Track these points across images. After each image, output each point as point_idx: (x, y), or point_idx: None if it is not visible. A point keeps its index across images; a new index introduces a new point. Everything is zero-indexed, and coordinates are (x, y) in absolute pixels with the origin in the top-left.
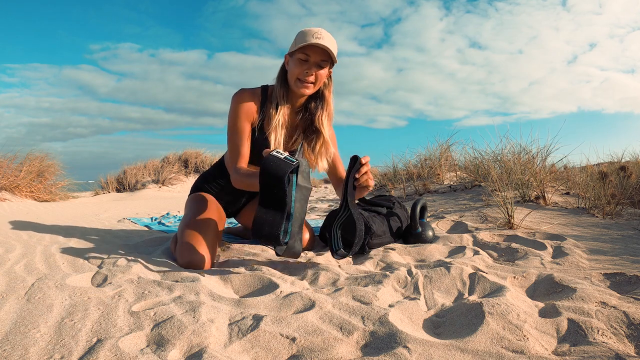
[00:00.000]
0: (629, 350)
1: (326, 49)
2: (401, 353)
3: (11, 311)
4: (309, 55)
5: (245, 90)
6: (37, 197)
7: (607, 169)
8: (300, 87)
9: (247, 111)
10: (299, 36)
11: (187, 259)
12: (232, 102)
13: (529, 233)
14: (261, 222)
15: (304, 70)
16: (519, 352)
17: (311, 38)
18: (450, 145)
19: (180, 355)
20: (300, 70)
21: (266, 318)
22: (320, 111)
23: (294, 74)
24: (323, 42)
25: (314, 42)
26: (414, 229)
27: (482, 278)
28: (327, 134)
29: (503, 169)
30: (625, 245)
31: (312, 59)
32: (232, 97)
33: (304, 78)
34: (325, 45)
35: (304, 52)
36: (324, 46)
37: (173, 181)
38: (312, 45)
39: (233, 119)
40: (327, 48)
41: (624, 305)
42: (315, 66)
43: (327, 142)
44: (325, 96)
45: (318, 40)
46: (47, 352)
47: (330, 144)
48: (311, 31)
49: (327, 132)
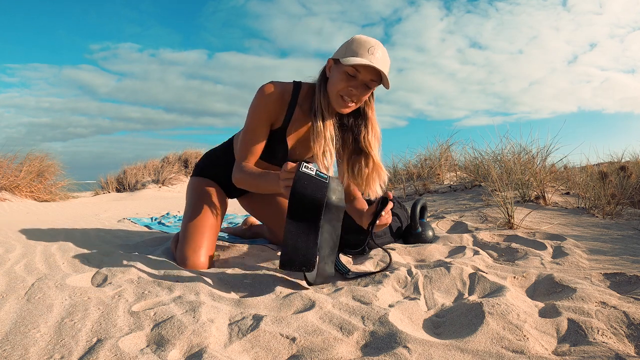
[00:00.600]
0: (629, 350)
1: (380, 72)
2: (401, 353)
3: (11, 311)
4: (358, 71)
5: (275, 87)
6: (37, 197)
7: (607, 169)
8: (342, 104)
9: (270, 112)
10: (352, 45)
11: (187, 259)
12: (257, 96)
13: (529, 233)
14: (293, 250)
15: (349, 88)
16: (519, 352)
17: (366, 53)
18: (450, 145)
19: (180, 355)
20: (344, 87)
21: (266, 318)
22: (365, 130)
23: (337, 87)
24: (378, 64)
25: (368, 63)
26: (414, 229)
27: (482, 278)
28: (378, 158)
29: (503, 169)
30: (625, 245)
31: (361, 77)
32: (259, 91)
33: (347, 96)
34: (380, 69)
35: (355, 68)
36: (378, 69)
37: (173, 181)
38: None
39: (253, 116)
40: (381, 72)
41: (624, 305)
42: (363, 85)
43: (380, 166)
44: (369, 115)
45: (372, 57)
46: (47, 352)
47: (383, 168)
48: (367, 43)
49: (377, 155)
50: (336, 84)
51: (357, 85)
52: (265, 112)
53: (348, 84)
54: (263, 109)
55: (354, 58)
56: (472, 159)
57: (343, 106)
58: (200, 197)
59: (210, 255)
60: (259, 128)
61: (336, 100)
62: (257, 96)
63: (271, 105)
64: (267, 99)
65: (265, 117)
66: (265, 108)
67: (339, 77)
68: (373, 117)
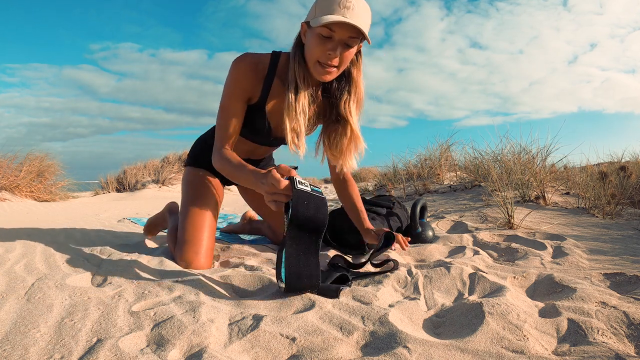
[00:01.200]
0: (629, 350)
1: (355, 26)
2: (401, 353)
3: (11, 311)
4: (333, 30)
5: (249, 58)
6: (37, 197)
7: (607, 169)
8: (321, 72)
9: (245, 87)
10: (321, 2)
11: (187, 259)
12: (230, 69)
13: (529, 233)
14: (296, 277)
15: (327, 52)
16: (519, 352)
17: (337, 7)
18: (450, 145)
19: (180, 355)
20: (321, 51)
21: (266, 318)
22: (347, 96)
23: (314, 54)
24: (352, 16)
25: (341, 19)
26: (414, 229)
27: (482, 278)
28: (356, 126)
29: (503, 169)
30: (625, 245)
31: (338, 36)
32: (232, 64)
33: (326, 61)
34: (355, 24)
35: (328, 27)
36: (352, 24)
37: (173, 181)
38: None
39: (227, 92)
40: (356, 26)
41: (624, 305)
42: (342, 45)
43: (357, 135)
44: (353, 76)
45: (347, 11)
46: (47, 352)
47: (361, 138)
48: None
49: (356, 122)
50: (312, 50)
51: (334, 47)
52: (238, 87)
53: (325, 48)
54: (235, 82)
55: (325, 16)
56: (472, 159)
57: (323, 73)
58: (196, 191)
59: (210, 255)
60: (233, 104)
61: (314, 68)
62: (230, 70)
63: (244, 78)
64: (238, 71)
65: (238, 92)
66: (237, 82)
67: (313, 42)
68: (358, 79)
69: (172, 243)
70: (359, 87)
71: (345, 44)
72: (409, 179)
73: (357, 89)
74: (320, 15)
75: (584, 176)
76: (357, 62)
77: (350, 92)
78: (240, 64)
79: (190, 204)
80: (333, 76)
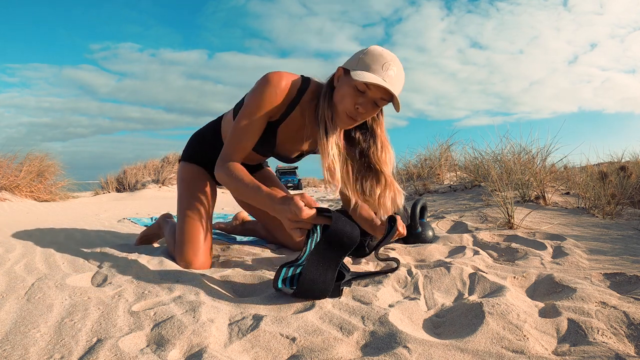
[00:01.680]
0: (629, 350)
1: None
2: (401, 353)
3: (11, 311)
4: (369, 88)
5: (284, 79)
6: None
7: (607, 169)
8: (347, 122)
9: (274, 104)
10: (366, 58)
11: (187, 259)
12: (262, 85)
13: (529, 233)
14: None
15: (356, 105)
16: (519, 352)
17: (379, 69)
18: (450, 145)
19: (180, 355)
20: (351, 104)
21: (266, 318)
22: (374, 148)
23: (344, 104)
24: (391, 83)
25: (381, 82)
26: (414, 229)
27: (482, 278)
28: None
29: (503, 169)
30: (625, 245)
31: (371, 95)
32: (265, 80)
33: (352, 115)
34: (392, 91)
35: (365, 84)
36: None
37: (173, 181)
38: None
39: (255, 105)
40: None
41: (624, 305)
42: (371, 103)
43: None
44: (377, 133)
45: (386, 74)
46: (47, 352)
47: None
48: (382, 58)
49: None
50: (343, 99)
51: (364, 103)
52: (268, 102)
53: (355, 101)
54: (267, 97)
55: (366, 73)
56: (472, 159)
57: (347, 123)
58: (191, 191)
59: (210, 255)
60: (257, 118)
61: (341, 117)
62: (263, 86)
63: (277, 97)
64: (273, 91)
65: (266, 109)
66: (270, 97)
67: (346, 92)
68: (382, 135)
69: (170, 243)
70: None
71: (375, 103)
72: (409, 179)
73: (384, 143)
74: (362, 69)
75: (584, 176)
76: (378, 119)
77: (377, 143)
78: (278, 83)
79: (187, 204)
80: (352, 126)
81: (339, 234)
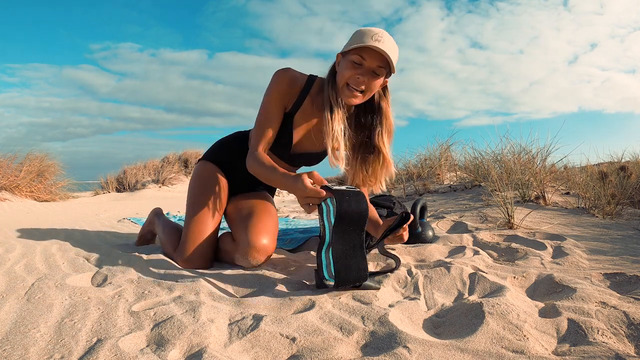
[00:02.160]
0: (629, 350)
1: (385, 54)
2: (401, 353)
3: (11, 311)
4: (364, 58)
5: (290, 71)
6: (37, 197)
7: (607, 169)
8: (348, 94)
9: (284, 94)
10: (356, 35)
11: (189, 259)
12: (273, 78)
13: (529, 233)
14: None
15: (356, 75)
16: (519, 352)
17: (370, 39)
18: (450, 145)
19: (180, 355)
20: (351, 74)
21: (266, 318)
22: (380, 128)
23: (344, 77)
24: (382, 46)
25: (373, 44)
26: (414, 229)
27: (482, 278)
28: (389, 155)
29: (503, 169)
30: (625, 245)
31: (367, 64)
32: (275, 73)
33: (354, 85)
34: (385, 51)
35: (359, 54)
36: (382, 51)
37: (173, 181)
38: (370, 48)
39: (267, 98)
40: (386, 54)
41: (624, 305)
42: (370, 73)
43: (389, 163)
44: (384, 109)
45: (377, 43)
46: (47, 352)
47: (392, 164)
48: (371, 32)
49: (388, 152)
50: (343, 73)
51: (363, 73)
52: (279, 92)
53: (355, 72)
54: (277, 87)
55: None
56: (472, 159)
57: (350, 96)
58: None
59: (212, 255)
60: (272, 108)
61: (343, 90)
62: (272, 78)
63: (284, 86)
64: (280, 79)
65: (278, 97)
66: (278, 87)
67: (345, 66)
68: (388, 111)
69: (168, 245)
70: (389, 119)
71: (373, 72)
72: (409, 179)
73: (387, 120)
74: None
75: (584, 176)
76: (384, 96)
77: (382, 123)
78: (283, 74)
79: (196, 202)
80: (359, 100)
81: (348, 214)
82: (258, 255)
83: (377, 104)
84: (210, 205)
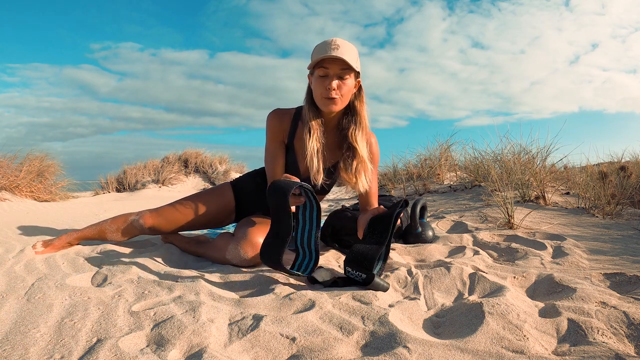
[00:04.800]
0: (629, 350)
1: (341, 59)
2: (401, 353)
3: (11, 311)
4: (327, 68)
5: (278, 111)
6: (37, 197)
7: (607, 169)
8: (327, 104)
9: (277, 132)
10: (314, 52)
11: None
12: (266, 120)
13: (529, 233)
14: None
15: (326, 86)
16: (519, 352)
17: (326, 50)
18: (451, 145)
19: (180, 355)
20: (322, 87)
21: (266, 318)
22: (354, 126)
23: (318, 92)
24: (338, 52)
25: (328, 54)
26: (414, 229)
27: (482, 278)
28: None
29: (503, 169)
30: (625, 245)
31: (332, 72)
32: (266, 117)
33: (328, 95)
34: (340, 56)
35: (322, 67)
36: (338, 57)
37: (173, 181)
38: (328, 58)
39: (267, 137)
40: (342, 58)
41: (624, 305)
42: (337, 78)
43: (364, 160)
44: (357, 109)
45: (333, 51)
46: (47, 352)
47: (367, 162)
48: (325, 43)
49: (362, 148)
50: (316, 90)
51: (331, 81)
52: (272, 132)
53: (324, 84)
54: (270, 129)
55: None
56: (472, 159)
57: (329, 104)
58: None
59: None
60: (272, 145)
61: (321, 103)
62: (267, 120)
63: (276, 124)
64: (270, 121)
65: (273, 136)
66: (272, 128)
67: (315, 83)
68: (362, 110)
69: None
70: (363, 118)
71: (339, 77)
72: (409, 179)
73: (361, 118)
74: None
75: (584, 176)
76: (359, 95)
77: (356, 122)
78: (272, 115)
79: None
80: (339, 106)
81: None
82: (249, 248)
83: (352, 104)
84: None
